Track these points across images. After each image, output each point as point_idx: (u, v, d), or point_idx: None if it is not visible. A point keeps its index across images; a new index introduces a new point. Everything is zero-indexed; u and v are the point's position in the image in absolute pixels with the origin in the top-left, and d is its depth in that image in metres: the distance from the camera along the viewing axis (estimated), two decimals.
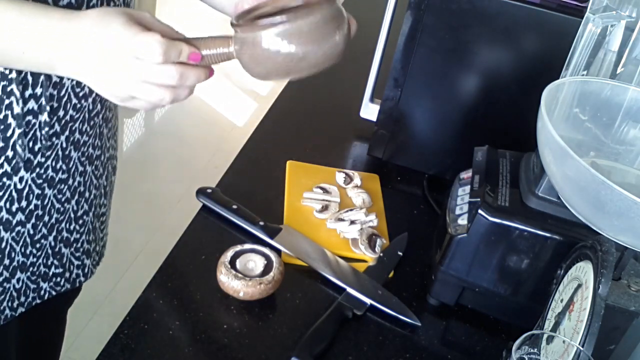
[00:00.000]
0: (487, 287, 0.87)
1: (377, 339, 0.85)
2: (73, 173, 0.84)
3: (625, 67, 0.84)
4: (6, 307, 0.84)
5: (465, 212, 0.87)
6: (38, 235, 0.83)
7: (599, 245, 0.69)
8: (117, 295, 2.10)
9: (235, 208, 0.97)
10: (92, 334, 1.97)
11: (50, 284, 0.89)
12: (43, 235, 0.84)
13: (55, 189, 0.82)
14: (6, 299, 0.84)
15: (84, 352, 1.90)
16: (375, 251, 0.96)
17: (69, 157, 0.82)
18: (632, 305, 0.71)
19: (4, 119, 0.72)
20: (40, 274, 0.87)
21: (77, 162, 0.84)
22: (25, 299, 0.86)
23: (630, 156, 0.84)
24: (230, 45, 0.65)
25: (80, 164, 0.85)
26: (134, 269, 2.20)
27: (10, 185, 0.76)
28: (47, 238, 0.85)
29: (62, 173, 0.82)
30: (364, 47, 1.32)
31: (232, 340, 0.80)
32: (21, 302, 0.86)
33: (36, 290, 0.87)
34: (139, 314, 0.81)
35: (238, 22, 0.67)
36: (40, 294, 0.88)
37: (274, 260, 0.86)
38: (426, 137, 1.16)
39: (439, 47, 1.06)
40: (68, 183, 0.84)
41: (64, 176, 0.82)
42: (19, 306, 0.86)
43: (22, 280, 0.84)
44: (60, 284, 0.91)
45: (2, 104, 0.71)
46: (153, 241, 2.34)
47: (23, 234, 0.81)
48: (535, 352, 0.69)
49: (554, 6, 1.00)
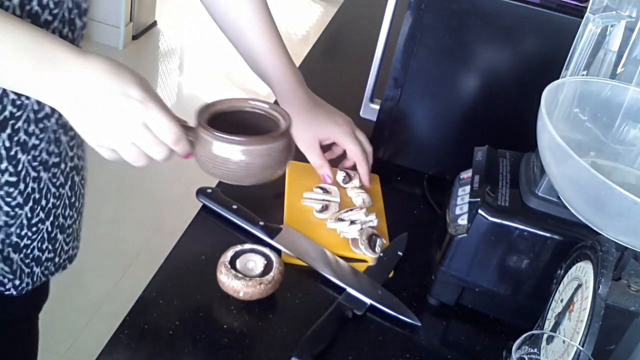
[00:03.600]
0: (487, 287, 0.87)
1: (377, 339, 0.85)
2: (64, 157, 0.83)
3: (625, 67, 0.84)
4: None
5: (465, 212, 0.87)
6: (35, 219, 0.83)
7: (599, 245, 0.69)
8: (117, 295, 2.10)
9: (235, 208, 0.97)
10: (92, 334, 1.97)
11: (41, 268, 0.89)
12: (40, 219, 0.84)
13: (49, 172, 0.81)
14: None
15: (84, 352, 1.90)
16: (375, 251, 0.96)
17: (59, 140, 0.81)
18: (632, 305, 0.71)
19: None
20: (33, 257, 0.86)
21: (67, 147, 0.83)
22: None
23: (630, 156, 0.84)
24: (189, 136, 0.72)
25: (69, 149, 0.84)
26: (134, 269, 2.20)
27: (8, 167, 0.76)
28: (45, 223, 0.85)
29: (10, 175, 0.78)
30: (364, 47, 1.32)
31: (232, 340, 0.80)
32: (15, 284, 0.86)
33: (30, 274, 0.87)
34: (139, 314, 0.81)
35: (200, 120, 0.74)
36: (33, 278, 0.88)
37: (274, 260, 0.86)
38: (426, 137, 1.16)
39: (439, 47, 1.06)
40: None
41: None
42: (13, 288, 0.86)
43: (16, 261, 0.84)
44: (50, 269, 0.91)
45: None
46: (153, 241, 2.34)
47: (20, 216, 0.81)
48: (535, 352, 0.69)
49: (554, 6, 1.00)
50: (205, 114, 0.76)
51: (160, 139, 0.67)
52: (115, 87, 0.65)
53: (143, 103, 0.65)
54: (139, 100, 0.65)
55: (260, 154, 0.74)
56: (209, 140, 0.72)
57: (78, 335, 1.96)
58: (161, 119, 0.67)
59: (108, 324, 0.89)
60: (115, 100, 0.65)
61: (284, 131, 0.76)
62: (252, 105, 0.80)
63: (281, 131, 0.76)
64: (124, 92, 0.65)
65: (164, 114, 0.67)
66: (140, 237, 2.34)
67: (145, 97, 0.66)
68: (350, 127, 1.04)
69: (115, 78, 0.65)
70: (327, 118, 1.03)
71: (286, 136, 0.77)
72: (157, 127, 0.67)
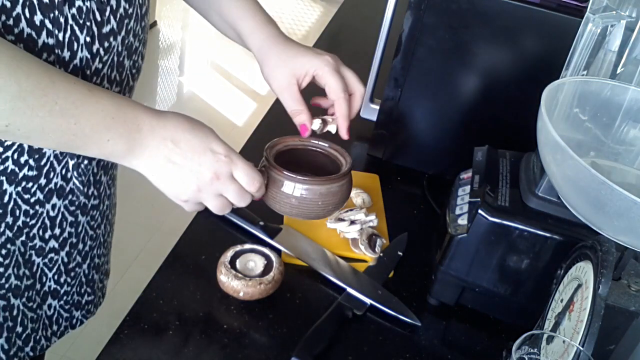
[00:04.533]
0: (487, 287, 0.87)
1: (377, 339, 0.85)
2: (103, 198, 0.83)
3: (625, 67, 0.84)
4: (42, 336, 0.83)
5: (465, 212, 0.87)
6: (72, 263, 0.82)
7: (599, 245, 0.69)
8: (117, 295, 2.10)
9: (235, 208, 0.97)
10: (92, 334, 1.97)
11: (82, 312, 0.88)
12: (77, 263, 0.83)
13: (88, 215, 0.81)
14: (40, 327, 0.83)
15: (84, 352, 1.90)
16: (375, 251, 0.96)
17: (100, 182, 0.81)
18: (632, 305, 0.71)
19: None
20: (73, 302, 0.86)
21: (106, 187, 0.84)
22: (57, 327, 0.86)
23: (630, 156, 0.84)
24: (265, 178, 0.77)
25: (108, 188, 0.84)
26: (134, 269, 2.20)
27: (42, 212, 0.75)
28: (82, 266, 0.84)
29: (94, 199, 0.81)
30: (364, 47, 1.32)
31: (232, 340, 0.80)
32: (54, 330, 0.85)
33: (69, 319, 0.87)
34: (139, 314, 0.81)
35: (269, 158, 0.81)
36: (72, 322, 0.88)
37: (274, 260, 0.86)
38: (426, 137, 1.16)
39: (439, 47, 1.06)
40: (100, 209, 0.83)
41: (95, 202, 0.81)
42: (53, 335, 0.85)
43: (54, 307, 0.83)
44: (91, 311, 0.91)
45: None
46: (153, 241, 2.34)
47: (57, 262, 0.80)
48: (535, 352, 0.69)
49: (554, 6, 1.00)
50: (271, 153, 0.82)
51: (245, 188, 0.72)
52: (200, 145, 0.68)
53: (228, 157, 0.69)
54: (225, 155, 0.69)
55: (321, 192, 0.80)
56: (280, 179, 0.79)
57: (78, 335, 1.96)
58: (246, 169, 0.71)
59: (108, 324, 0.89)
60: (204, 158, 0.68)
61: (344, 173, 0.82)
62: (313, 145, 0.87)
63: (342, 173, 0.82)
64: (209, 148, 0.68)
65: (245, 164, 0.71)
66: (140, 237, 2.34)
67: (227, 149, 0.69)
68: (333, 58, 0.86)
69: (197, 134, 0.68)
70: (305, 51, 0.86)
71: (346, 177, 0.83)
72: (244, 177, 0.71)
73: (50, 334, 0.85)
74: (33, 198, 0.72)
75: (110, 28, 0.69)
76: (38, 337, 0.82)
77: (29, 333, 0.81)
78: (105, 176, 0.82)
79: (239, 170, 0.70)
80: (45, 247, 0.77)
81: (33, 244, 0.75)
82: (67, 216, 0.77)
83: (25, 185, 0.70)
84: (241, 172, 0.70)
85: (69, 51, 0.66)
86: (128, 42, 0.73)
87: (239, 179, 0.71)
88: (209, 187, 0.69)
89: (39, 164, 0.70)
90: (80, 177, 0.76)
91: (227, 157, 0.69)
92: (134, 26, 0.73)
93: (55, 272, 0.80)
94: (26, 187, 0.71)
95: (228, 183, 0.70)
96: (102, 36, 0.68)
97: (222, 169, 0.69)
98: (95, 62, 0.69)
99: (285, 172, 0.78)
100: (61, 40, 0.64)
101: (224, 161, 0.69)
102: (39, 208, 0.73)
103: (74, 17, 0.65)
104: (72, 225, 0.79)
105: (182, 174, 0.68)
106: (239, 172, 0.70)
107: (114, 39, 0.70)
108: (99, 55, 0.69)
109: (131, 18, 0.72)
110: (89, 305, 0.89)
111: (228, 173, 0.70)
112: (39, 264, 0.78)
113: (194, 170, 0.68)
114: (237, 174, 0.70)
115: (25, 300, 0.78)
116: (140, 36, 0.76)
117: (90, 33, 0.67)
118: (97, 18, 0.67)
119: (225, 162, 0.69)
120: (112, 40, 0.70)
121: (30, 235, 0.74)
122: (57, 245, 0.78)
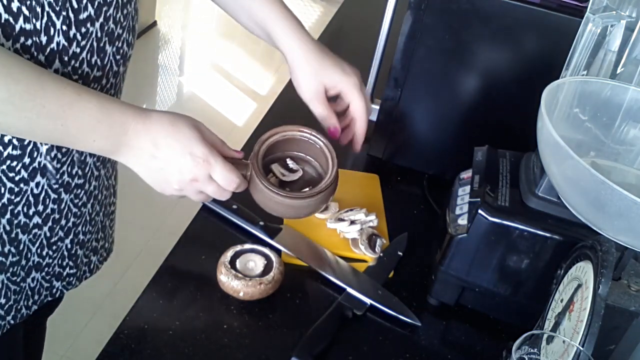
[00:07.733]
0: (487, 287, 0.87)
1: (377, 339, 0.85)
2: (89, 178, 0.84)
3: (625, 67, 0.84)
4: (22, 306, 0.85)
5: (465, 212, 0.87)
6: (55, 237, 0.84)
7: (599, 245, 0.69)
8: (117, 295, 2.10)
9: (235, 208, 0.97)
10: (92, 334, 1.97)
11: (63, 283, 0.90)
12: (60, 238, 0.85)
13: (71, 193, 0.82)
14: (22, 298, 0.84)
15: (84, 352, 1.90)
16: (375, 251, 0.96)
17: (85, 163, 0.82)
18: (632, 305, 0.71)
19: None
20: (54, 274, 0.87)
21: (93, 167, 0.84)
22: (38, 297, 0.87)
23: (630, 156, 0.84)
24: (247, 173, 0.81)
25: (95, 169, 0.85)
26: (134, 269, 2.20)
27: (27, 190, 0.77)
28: (64, 241, 0.85)
29: (78, 178, 0.82)
30: (364, 48, 1.32)
31: (232, 340, 0.80)
32: (35, 300, 0.87)
33: (49, 288, 0.88)
34: (139, 314, 0.81)
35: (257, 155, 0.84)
36: (52, 292, 0.89)
37: (274, 260, 0.86)
38: (426, 137, 1.16)
39: (439, 47, 1.06)
40: (85, 188, 0.84)
41: (80, 181, 0.83)
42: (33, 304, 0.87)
43: (37, 279, 0.85)
44: (72, 283, 0.91)
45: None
46: (153, 241, 2.34)
47: (39, 236, 0.82)
48: (535, 352, 0.69)
49: (554, 6, 1.00)
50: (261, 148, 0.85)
51: (223, 188, 0.77)
52: (181, 149, 0.72)
53: (207, 160, 0.73)
54: (203, 159, 0.73)
55: (301, 205, 0.82)
56: (258, 184, 0.81)
57: (78, 335, 1.96)
58: (223, 172, 0.75)
59: (108, 324, 0.90)
60: (184, 162, 0.73)
61: (324, 187, 0.83)
62: (312, 139, 0.88)
63: (322, 188, 0.83)
64: (189, 152, 0.73)
65: (223, 167, 0.75)
66: (140, 237, 2.34)
67: (206, 152, 0.73)
68: (358, 79, 0.92)
69: (179, 138, 0.72)
70: (335, 65, 0.91)
71: (329, 189, 0.84)
72: (221, 179, 0.75)
73: (31, 304, 0.86)
74: (18, 176, 0.75)
75: (87, 15, 0.72)
76: (19, 307, 0.84)
77: (12, 304, 0.83)
78: (91, 157, 0.83)
79: (217, 173, 0.75)
80: (29, 223, 0.79)
81: (18, 220, 0.78)
82: (50, 194, 0.79)
83: (9, 164, 0.73)
84: (219, 175, 0.75)
85: (46, 36, 0.68)
86: (108, 29, 0.75)
87: (217, 180, 0.75)
88: (189, 186, 0.75)
89: (22, 144, 0.73)
90: (52, 162, 0.78)
91: (205, 162, 0.73)
92: (114, 13, 0.75)
93: (39, 247, 0.82)
94: (11, 166, 0.73)
95: (207, 184, 0.75)
96: (79, 22, 0.71)
97: (200, 173, 0.74)
98: (72, 46, 0.71)
99: (263, 181, 0.80)
100: (38, 29, 0.67)
101: (202, 165, 0.73)
102: (24, 186, 0.76)
103: (50, 5, 0.67)
104: (55, 202, 0.81)
105: (164, 173, 0.73)
106: (217, 174, 0.75)
107: (92, 25, 0.73)
108: (76, 40, 0.72)
109: (110, 5, 0.74)
110: (70, 277, 0.91)
111: (206, 176, 0.74)
112: (24, 241, 0.80)
113: (173, 173, 0.73)
114: (215, 176, 0.75)
115: (9, 275, 0.81)
116: (123, 23, 0.78)
117: (67, 21, 0.70)
118: (74, 5, 0.70)
119: (203, 166, 0.73)
120: (90, 27, 0.73)
121: (15, 212, 0.77)
122: (41, 221, 0.80)
